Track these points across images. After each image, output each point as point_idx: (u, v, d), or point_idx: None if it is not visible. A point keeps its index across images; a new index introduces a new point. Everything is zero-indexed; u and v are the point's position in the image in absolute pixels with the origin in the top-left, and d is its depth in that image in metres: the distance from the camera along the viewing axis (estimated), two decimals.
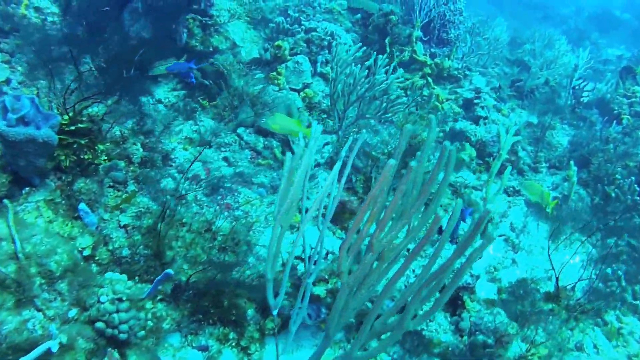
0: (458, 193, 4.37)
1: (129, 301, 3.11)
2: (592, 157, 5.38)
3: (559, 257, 4.51)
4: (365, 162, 4.32)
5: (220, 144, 4.91)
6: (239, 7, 6.42)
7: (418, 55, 6.93)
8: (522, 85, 7.66)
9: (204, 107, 5.41)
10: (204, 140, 4.89)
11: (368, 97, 4.33)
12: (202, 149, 4.31)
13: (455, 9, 7.57)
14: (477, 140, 5.87)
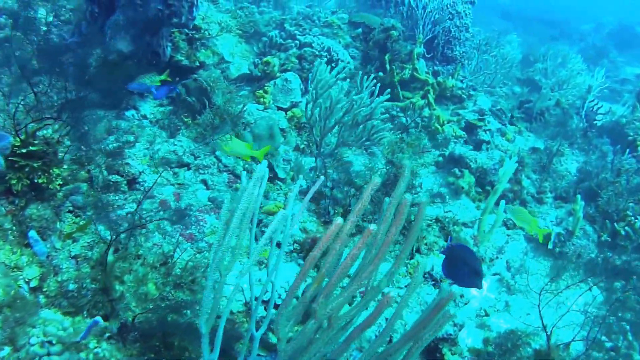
0: (446, 230, 3.96)
1: (62, 344, 2.78)
2: (601, 190, 4.91)
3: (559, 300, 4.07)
4: (345, 192, 3.95)
5: (199, 166, 4.59)
6: (231, 19, 6.13)
7: (419, 73, 6.54)
8: (531, 107, 7.21)
9: (187, 125, 5.10)
10: (182, 161, 4.58)
11: (349, 122, 3.95)
12: (161, 171, 3.98)
13: (461, 25, 7.17)
14: (477, 167, 5.45)
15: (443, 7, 7.07)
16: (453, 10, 7.10)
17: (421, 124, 6.18)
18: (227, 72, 5.59)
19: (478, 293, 3.97)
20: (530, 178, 5.80)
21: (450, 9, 7.08)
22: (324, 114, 3.85)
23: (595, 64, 11.01)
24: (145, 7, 4.51)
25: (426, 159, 5.86)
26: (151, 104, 5.37)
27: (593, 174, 5.22)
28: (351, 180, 4.08)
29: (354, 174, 4.17)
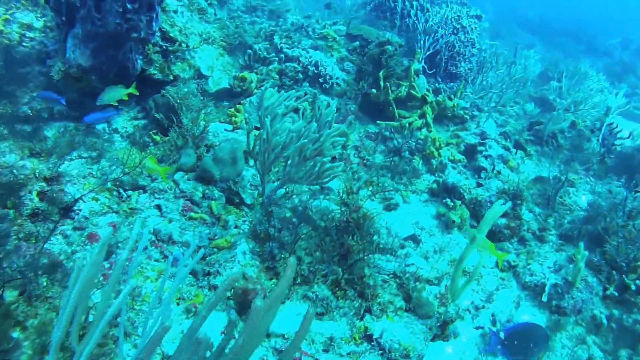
0: (404, 288, 3.34)
1: None
2: (609, 235, 4.21)
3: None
4: (295, 234, 3.37)
5: (155, 190, 4.10)
6: (216, 30, 5.65)
7: (417, 91, 5.92)
8: (542, 129, 6.49)
9: (156, 142, 4.63)
10: (137, 183, 4.09)
11: (296, 156, 3.37)
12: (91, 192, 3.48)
13: (467, 40, 6.52)
14: (471, 198, 4.81)
15: (447, 21, 6.43)
16: (457, 24, 6.46)
17: (415, 146, 5.56)
18: (206, 87, 5.09)
19: (451, 349, 3.36)
20: (533, 212, 5.11)
21: (454, 23, 6.44)
22: (263, 146, 3.29)
23: (621, 81, 10.17)
24: (103, 21, 4.06)
25: (419, 185, 5.24)
26: (125, 116, 4.94)
27: (601, 215, 4.50)
28: (308, 217, 3.51)
29: (316, 209, 3.60)
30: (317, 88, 5.54)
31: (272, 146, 3.25)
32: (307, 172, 3.37)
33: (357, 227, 3.18)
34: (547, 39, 12.06)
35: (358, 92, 5.88)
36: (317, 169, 3.32)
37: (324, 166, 3.30)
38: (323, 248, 3.22)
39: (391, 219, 4.73)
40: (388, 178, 5.29)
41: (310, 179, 3.36)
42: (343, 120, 5.67)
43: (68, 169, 4.09)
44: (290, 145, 3.25)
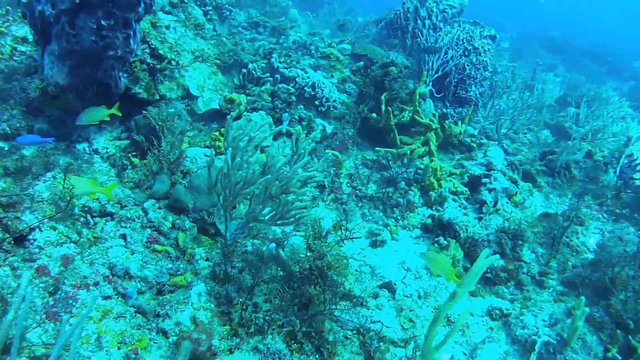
0: (366, 347, 2.99)
1: None
2: (616, 287, 3.77)
3: None
4: (258, 276, 3.07)
5: (122, 218, 3.87)
6: (213, 46, 5.42)
7: (421, 116, 5.57)
8: (555, 159, 6.05)
9: (134, 165, 4.42)
10: (105, 210, 3.87)
11: (262, 194, 3.07)
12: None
13: (479, 62, 6.13)
14: (466, 237, 4.43)
15: (458, 41, 6.06)
16: (469, 45, 6.07)
17: (414, 176, 5.20)
18: (194, 107, 4.86)
19: None
20: (535, 252, 4.69)
21: (465, 44, 6.06)
22: (224, 180, 3.00)
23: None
24: (78, 38, 3.86)
25: (412, 219, 4.89)
26: (107, 136, 4.75)
27: (609, 262, 4.06)
28: (275, 258, 3.21)
29: (288, 247, 3.30)
30: (313, 111, 5.24)
31: (234, 181, 2.97)
32: (272, 211, 3.08)
33: (321, 276, 2.87)
34: (570, 60, 11.46)
35: (358, 115, 5.57)
36: (282, 209, 3.02)
37: (288, 206, 2.99)
38: (282, 295, 2.91)
39: (376, 258, 4.39)
40: (380, 211, 4.95)
41: (275, 218, 3.06)
42: (339, 146, 5.37)
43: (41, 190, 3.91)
44: (252, 181, 2.96)
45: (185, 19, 5.48)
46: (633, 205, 5.80)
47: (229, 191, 3.02)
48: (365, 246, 4.56)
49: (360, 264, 4.28)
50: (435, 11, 6.89)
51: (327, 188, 4.90)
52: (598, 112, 7.05)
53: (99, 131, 4.71)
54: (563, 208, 5.56)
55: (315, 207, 4.79)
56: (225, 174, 2.95)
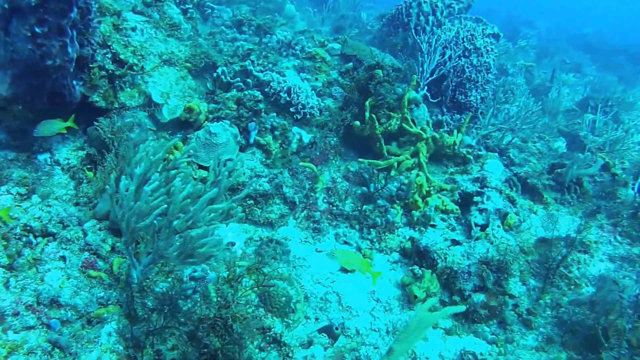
0: None
1: None
2: (608, 339, 3.18)
3: None
4: (171, 320, 2.66)
5: (63, 239, 3.55)
6: (187, 48, 5.02)
7: (410, 124, 5.02)
8: (564, 173, 5.38)
9: (89, 179, 4.10)
10: (46, 230, 3.57)
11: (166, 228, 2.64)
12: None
13: (480, 64, 5.50)
14: (444, 267, 3.90)
15: (457, 41, 5.44)
16: (470, 45, 5.45)
17: (397, 192, 4.68)
18: (158, 116, 4.49)
19: None
20: (527, 284, 4.12)
21: (465, 44, 5.44)
22: (119, 212, 2.59)
23: None
24: (14, 46, 3.53)
25: (391, 241, 4.38)
26: (70, 146, 4.44)
27: (602, 308, 3.44)
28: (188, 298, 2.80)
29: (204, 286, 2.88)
30: (289, 118, 4.79)
31: (133, 213, 2.57)
32: (179, 248, 2.66)
33: (226, 329, 2.44)
34: (602, 58, 10.46)
35: (341, 123, 5.07)
36: (188, 246, 2.60)
37: (193, 243, 2.57)
38: (186, 348, 2.51)
39: (345, 285, 3.93)
40: (357, 231, 4.47)
41: (181, 257, 2.65)
42: (320, 157, 4.90)
43: None
44: (152, 212, 2.55)
45: (160, 18, 5.10)
46: None
47: (126, 225, 2.62)
48: (336, 270, 4.10)
49: (326, 291, 3.84)
50: (441, 6, 6.27)
51: (300, 204, 4.45)
52: (622, 118, 6.29)
53: (62, 141, 4.41)
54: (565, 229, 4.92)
55: (283, 226, 4.36)
56: (121, 205, 2.55)
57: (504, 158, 5.73)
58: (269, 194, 4.25)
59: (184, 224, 2.59)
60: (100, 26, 4.44)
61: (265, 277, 2.93)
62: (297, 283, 3.64)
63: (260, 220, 4.25)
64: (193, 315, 2.83)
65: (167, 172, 3.03)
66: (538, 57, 9.06)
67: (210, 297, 2.77)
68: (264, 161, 4.47)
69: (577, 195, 5.47)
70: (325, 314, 3.66)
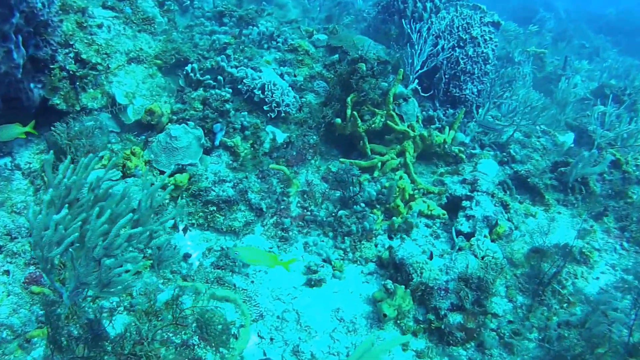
0: None
1: None
2: None
3: None
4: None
5: (9, 252, 3.33)
6: (160, 44, 4.69)
7: (396, 121, 4.58)
8: (568, 172, 4.85)
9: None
10: None
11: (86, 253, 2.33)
12: None
13: (477, 55, 4.98)
14: (419, 283, 3.50)
15: (452, 30, 4.93)
16: (465, 34, 4.92)
17: (377, 196, 4.27)
18: (123, 117, 4.20)
19: None
20: (514, 301, 3.68)
21: (460, 33, 4.92)
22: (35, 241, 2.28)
23: None
24: None
25: (367, 251, 4.00)
26: (32, 149, 4.20)
27: (589, 342, 2.98)
28: None
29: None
30: (262, 117, 4.42)
31: (45, 242, 2.28)
32: (97, 277, 2.36)
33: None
34: (625, 41, 9.59)
35: (322, 120, 4.68)
36: (103, 275, 2.29)
37: (108, 272, 2.26)
38: None
39: (308, 301, 3.59)
40: (330, 239, 4.10)
41: (100, 286, 2.35)
42: (297, 157, 4.54)
43: None
44: (64, 239, 2.25)
45: (132, 13, 4.77)
46: None
47: (40, 253, 2.33)
48: (300, 284, 3.76)
49: (285, 309, 3.51)
50: None
51: (269, 210, 4.10)
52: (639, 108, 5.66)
53: (24, 144, 4.16)
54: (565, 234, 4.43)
55: (248, 234, 4.02)
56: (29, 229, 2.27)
57: (504, 154, 5.23)
58: (232, 200, 3.92)
59: (101, 251, 2.29)
60: (63, 25, 4.16)
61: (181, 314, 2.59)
62: (245, 304, 3.32)
63: (223, 229, 3.93)
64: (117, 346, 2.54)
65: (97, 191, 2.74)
66: (554, 41, 8.35)
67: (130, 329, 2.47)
68: (230, 164, 4.13)
69: (582, 196, 4.94)
70: (281, 335, 3.34)
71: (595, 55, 8.06)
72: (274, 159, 4.43)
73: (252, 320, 3.35)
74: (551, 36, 8.69)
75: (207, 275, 3.56)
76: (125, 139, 4.21)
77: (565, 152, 5.37)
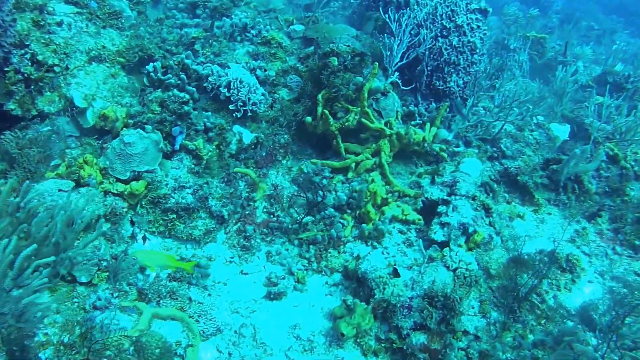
0: None
1: None
2: None
3: None
4: None
5: None
6: (124, 39, 4.43)
7: (371, 119, 4.24)
8: (560, 170, 4.46)
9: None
10: None
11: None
12: None
13: (462, 44, 4.57)
14: (380, 299, 3.23)
15: (435, 18, 4.52)
16: (450, 22, 4.50)
17: (347, 200, 3.98)
18: (82, 121, 3.97)
19: None
20: (487, 317, 3.37)
21: (444, 21, 4.50)
22: None
23: None
24: None
25: (333, 260, 3.73)
26: None
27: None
28: None
29: None
30: (228, 117, 4.14)
31: None
32: (12, 310, 2.16)
33: None
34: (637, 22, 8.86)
35: (293, 118, 4.37)
36: (13, 307, 2.09)
37: (18, 304, 2.06)
38: None
39: (267, 315, 3.36)
40: (296, 246, 3.83)
41: (14, 317, 2.14)
42: (266, 158, 4.26)
43: None
44: None
45: (98, 7, 4.50)
46: None
47: None
48: (260, 297, 3.52)
49: (243, 323, 3.29)
50: None
51: (233, 216, 3.86)
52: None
53: None
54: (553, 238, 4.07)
55: (210, 242, 3.79)
56: None
57: (494, 149, 4.84)
58: (191, 207, 3.68)
59: (11, 282, 2.09)
60: (17, 24, 3.92)
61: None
62: (197, 321, 3.10)
63: (184, 237, 3.70)
64: None
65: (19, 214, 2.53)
66: (561, 23, 7.76)
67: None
68: (193, 168, 3.87)
69: (575, 195, 4.54)
70: (238, 350, 3.12)
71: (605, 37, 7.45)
72: (242, 160, 4.16)
73: (202, 338, 3.14)
74: (558, 18, 8.08)
75: (160, 289, 3.35)
76: (86, 144, 3.98)
77: (560, 146, 4.95)
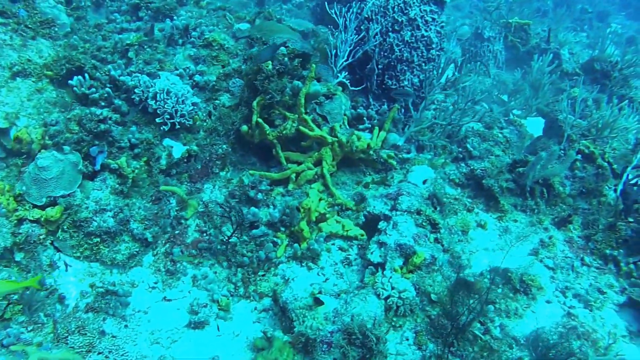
0: None
1: None
2: None
3: None
4: None
5: None
6: (54, 50, 4.12)
7: (310, 126, 3.83)
8: (526, 172, 3.97)
9: None
10: None
11: None
12: None
13: (416, 40, 4.08)
14: (299, 333, 2.88)
15: (386, 12, 4.04)
16: (401, 16, 4.01)
17: (280, 217, 3.61)
18: (4, 141, 3.70)
19: None
20: (422, 350, 2.99)
21: (395, 15, 4.01)
22: None
23: None
24: None
25: (263, 284, 3.40)
26: None
27: None
28: None
29: None
30: (156, 130, 3.80)
31: None
32: None
33: None
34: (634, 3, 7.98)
35: (232, 127, 4.01)
36: None
37: None
38: None
39: (189, 346, 3.07)
40: (224, 269, 3.50)
41: None
42: (202, 171, 3.92)
43: None
44: None
45: (28, 16, 4.20)
46: (633, 243, 3.62)
47: None
48: (183, 325, 3.23)
49: (162, 355, 3.01)
50: None
51: (161, 237, 3.56)
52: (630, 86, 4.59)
53: None
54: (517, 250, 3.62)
55: (136, 266, 3.50)
56: None
57: (460, 150, 4.37)
58: (112, 231, 3.39)
59: None
60: None
61: None
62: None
63: (108, 262, 3.43)
64: None
65: None
66: (555, 6, 7.05)
67: None
68: (117, 188, 3.57)
69: (545, 199, 4.05)
70: None
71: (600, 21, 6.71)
72: (174, 175, 3.83)
73: None
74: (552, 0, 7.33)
75: (70, 324, 3.09)
76: (12, 165, 3.73)
77: (532, 143, 4.43)
